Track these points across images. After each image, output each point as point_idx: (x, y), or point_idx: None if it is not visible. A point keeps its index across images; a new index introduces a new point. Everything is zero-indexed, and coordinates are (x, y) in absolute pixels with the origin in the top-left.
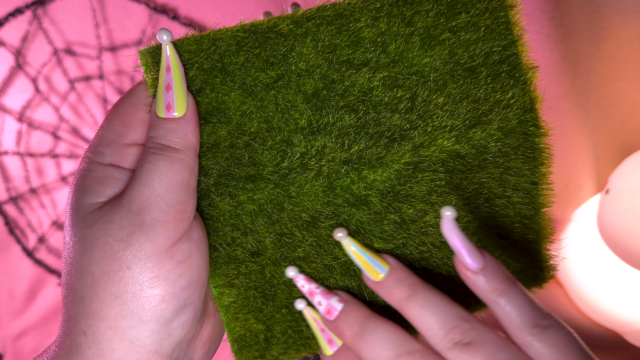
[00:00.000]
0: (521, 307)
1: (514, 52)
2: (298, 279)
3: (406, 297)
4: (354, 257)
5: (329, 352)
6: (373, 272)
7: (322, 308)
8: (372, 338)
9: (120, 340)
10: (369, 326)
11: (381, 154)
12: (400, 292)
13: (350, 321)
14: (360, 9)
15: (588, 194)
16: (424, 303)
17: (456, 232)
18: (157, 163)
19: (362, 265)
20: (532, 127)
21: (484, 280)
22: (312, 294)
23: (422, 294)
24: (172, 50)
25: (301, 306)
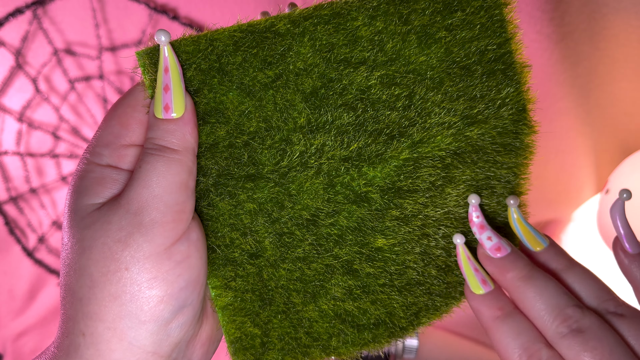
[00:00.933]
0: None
1: (508, 50)
2: (477, 208)
3: (565, 268)
4: (518, 226)
5: (480, 291)
6: (535, 243)
7: (491, 243)
8: (542, 283)
9: (119, 341)
10: (537, 274)
11: (380, 151)
12: (560, 262)
13: (520, 264)
14: (357, 7)
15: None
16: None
17: (621, 217)
18: (156, 164)
19: (524, 234)
20: (523, 127)
21: (638, 264)
22: (484, 227)
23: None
24: (169, 51)
25: (459, 240)
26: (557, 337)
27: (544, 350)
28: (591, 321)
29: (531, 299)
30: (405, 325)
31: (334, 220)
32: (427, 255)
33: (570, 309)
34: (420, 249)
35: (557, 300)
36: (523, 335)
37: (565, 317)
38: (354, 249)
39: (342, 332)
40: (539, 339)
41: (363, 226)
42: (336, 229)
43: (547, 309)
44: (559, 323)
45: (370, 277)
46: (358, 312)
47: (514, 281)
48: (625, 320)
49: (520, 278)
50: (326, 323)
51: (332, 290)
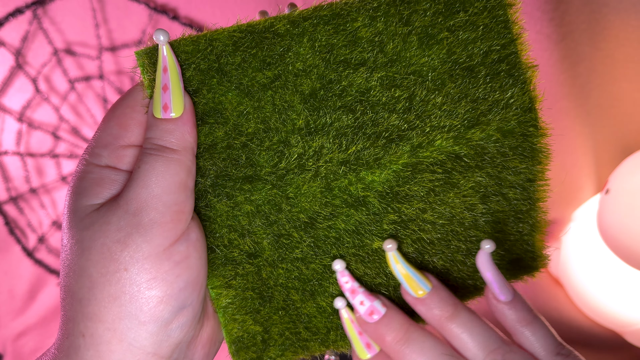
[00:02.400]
0: (545, 337)
1: (513, 51)
2: (344, 273)
3: (448, 317)
4: (397, 271)
5: (365, 356)
6: (416, 288)
7: (364, 308)
8: (418, 346)
9: (119, 342)
10: (414, 334)
11: (379, 155)
12: (442, 311)
13: (395, 326)
14: (357, 8)
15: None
16: (466, 324)
17: (490, 266)
18: (155, 164)
19: (404, 279)
20: (531, 128)
21: (511, 311)
22: (354, 292)
23: (464, 315)
24: (169, 50)
25: (340, 304)
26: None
27: None
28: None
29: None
30: None
31: (331, 224)
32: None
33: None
34: (416, 253)
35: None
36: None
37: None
38: (351, 250)
39: (340, 326)
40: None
41: (361, 229)
42: (334, 231)
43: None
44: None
45: (366, 276)
46: None
47: (392, 345)
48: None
49: (398, 341)
50: (324, 318)
51: (330, 288)
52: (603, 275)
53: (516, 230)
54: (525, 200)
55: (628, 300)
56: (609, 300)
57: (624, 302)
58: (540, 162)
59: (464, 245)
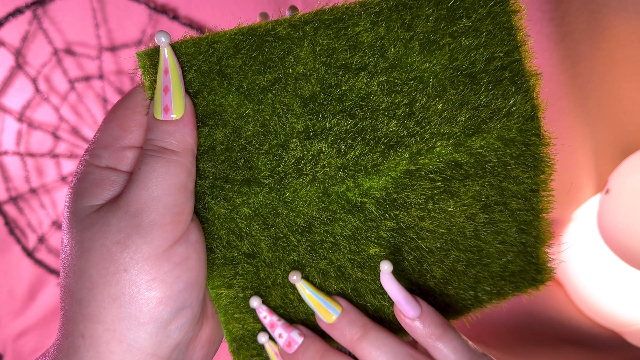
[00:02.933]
0: (457, 349)
1: (517, 58)
2: (261, 309)
3: (358, 338)
4: (307, 300)
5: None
6: (326, 315)
7: (282, 340)
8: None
9: (118, 343)
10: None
11: (377, 161)
12: (352, 333)
13: (309, 355)
14: (358, 13)
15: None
16: (375, 343)
17: (393, 284)
18: (155, 165)
19: (315, 307)
20: (533, 137)
21: (421, 326)
22: (273, 326)
23: (373, 334)
24: (170, 52)
25: (263, 340)
26: None
27: None
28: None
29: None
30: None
31: (328, 229)
32: (421, 266)
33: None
34: (414, 261)
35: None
36: None
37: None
38: (348, 255)
39: None
40: None
41: (357, 235)
42: (331, 236)
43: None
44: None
45: (362, 281)
46: None
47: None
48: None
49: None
50: None
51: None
52: (603, 275)
53: (519, 242)
54: (528, 211)
55: (628, 300)
56: (609, 300)
57: (624, 302)
58: (543, 172)
59: (464, 255)
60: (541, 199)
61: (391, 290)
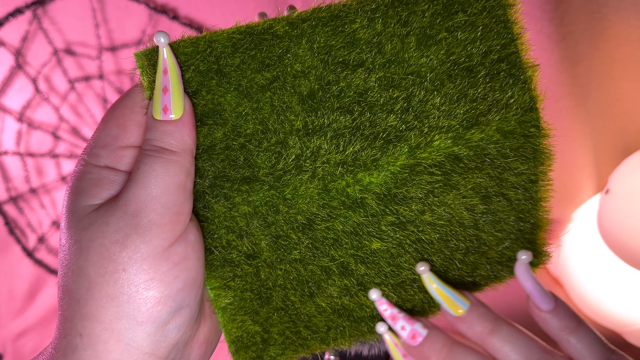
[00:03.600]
0: (592, 344)
1: (514, 50)
2: (381, 302)
3: (489, 332)
4: (434, 293)
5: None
6: (454, 307)
7: (405, 333)
8: None
9: (116, 342)
10: (457, 352)
11: (376, 156)
12: (482, 327)
13: (438, 347)
14: (355, 10)
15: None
16: (507, 338)
17: (529, 277)
18: (154, 165)
19: (442, 300)
20: (532, 129)
21: (555, 320)
22: (395, 318)
23: (505, 329)
24: (169, 52)
25: (382, 330)
26: None
27: None
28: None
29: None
30: None
31: (329, 225)
32: (422, 257)
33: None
34: (416, 253)
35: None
36: None
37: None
38: (350, 251)
39: (339, 325)
40: None
41: (359, 230)
42: (332, 233)
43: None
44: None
45: (366, 276)
46: (355, 306)
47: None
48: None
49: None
50: (324, 318)
51: (329, 289)
52: (603, 275)
53: (517, 229)
54: (527, 201)
55: (628, 300)
56: (609, 300)
57: (624, 302)
58: (542, 163)
59: (463, 245)
60: (540, 188)
61: (526, 282)
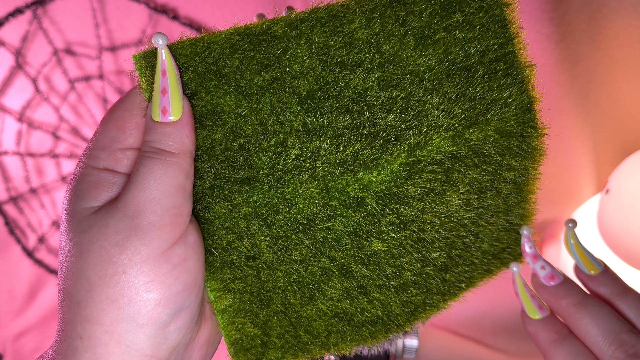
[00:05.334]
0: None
1: (511, 50)
2: (529, 239)
3: (620, 293)
4: (574, 250)
5: (537, 316)
6: (590, 266)
7: (544, 272)
8: (596, 310)
9: (117, 345)
10: (590, 301)
11: (376, 155)
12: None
13: (573, 291)
14: (353, 10)
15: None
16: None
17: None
18: (153, 167)
19: (580, 258)
20: (529, 129)
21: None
22: (536, 258)
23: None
24: (167, 54)
25: (515, 269)
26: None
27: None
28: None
29: (586, 324)
30: (402, 322)
31: (330, 225)
32: (424, 257)
33: (625, 335)
34: (417, 253)
35: (611, 326)
36: (581, 356)
37: (621, 342)
38: (350, 252)
39: (340, 329)
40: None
41: (359, 231)
42: (332, 233)
43: (603, 334)
44: (615, 348)
45: (366, 278)
46: (355, 310)
47: (568, 308)
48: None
49: (575, 305)
50: (324, 322)
51: (329, 292)
52: None
53: (507, 222)
54: (517, 194)
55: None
56: None
57: None
58: (535, 159)
59: (460, 241)
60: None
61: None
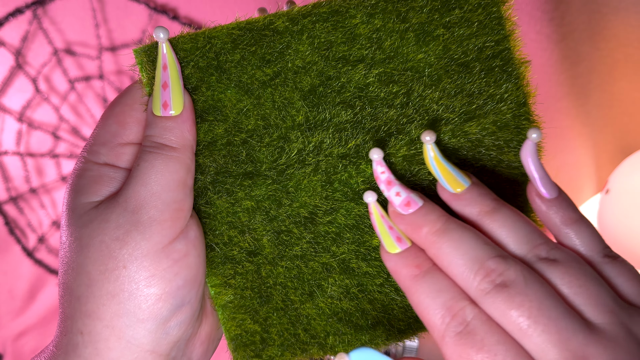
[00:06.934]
0: (592, 237)
1: (507, 47)
2: (382, 163)
3: (489, 211)
4: (435, 165)
5: (395, 249)
6: (453, 183)
7: (400, 199)
8: (458, 235)
9: (117, 340)
10: (452, 225)
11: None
12: (483, 205)
13: (432, 217)
14: (355, 5)
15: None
16: (509, 218)
17: (535, 159)
18: (154, 162)
19: (442, 175)
20: (524, 122)
21: (555, 209)
22: (391, 183)
23: (506, 210)
24: (168, 48)
25: (371, 199)
26: (480, 294)
27: (468, 309)
28: (516, 273)
29: (448, 254)
30: (403, 328)
31: (332, 218)
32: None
33: (492, 261)
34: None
35: (477, 253)
36: (444, 294)
37: (488, 271)
38: (352, 247)
39: (339, 330)
40: (462, 297)
41: (361, 224)
42: (334, 226)
43: (467, 263)
44: (481, 278)
45: (367, 276)
46: (355, 310)
47: (428, 236)
48: (558, 267)
49: (435, 232)
50: (323, 321)
51: (329, 289)
52: None
53: None
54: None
55: None
56: None
57: None
58: None
59: None
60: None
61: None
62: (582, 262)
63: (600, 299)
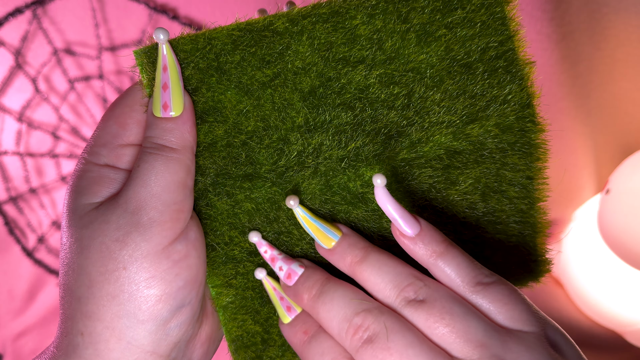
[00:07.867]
0: (460, 267)
1: (511, 47)
2: (262, 244)
3: (358, 261)
4: (305, 225)
5: (287, 320)
6: (325, 240)
7: (282, 273)
8: (329, 298)
9: (118, 341)
10: (327, 287)
11: (378, 151)
12: (352, 256)
13: (310, 284)
14: (355, 6)
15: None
16: (376, 265)
17: (389, 200)
18: (154, 163)
19: (314, 233)
20: (529, 124)
21: (421, 245)
22: (274, 259)
23: (373, 256)
24: (168, 49)
25: (261, 275)
26: (353, 352)
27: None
28: (380, 326)
29: (324, 317)
30: None
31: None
32: None
33: (358, 318)
34: None
35: (345, 312)
36: (326, 356)
37: (355, 328)
38: None
39: None
40: (344, 355)
41: (360, 226)
42: None
43: (339, 324)
44: (351, 336)
45: None
46: None
47: (308, 303)
48: (424, 308)
49: (312, 298)
50: None
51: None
52: (603, 275)
53: (518, 232)
54: (525, 199)
55: (628, 300)
56: (609, 300)
57: (624, 302)
58: (538, 158)
59: (466, 247)
60: (537, 187)
61: (387, 206)
62: (451, 297)
63: (469, 335)
